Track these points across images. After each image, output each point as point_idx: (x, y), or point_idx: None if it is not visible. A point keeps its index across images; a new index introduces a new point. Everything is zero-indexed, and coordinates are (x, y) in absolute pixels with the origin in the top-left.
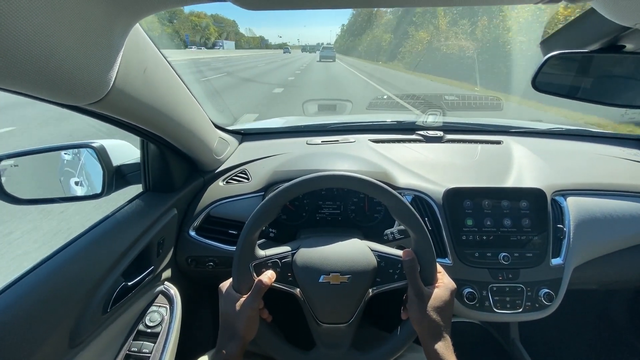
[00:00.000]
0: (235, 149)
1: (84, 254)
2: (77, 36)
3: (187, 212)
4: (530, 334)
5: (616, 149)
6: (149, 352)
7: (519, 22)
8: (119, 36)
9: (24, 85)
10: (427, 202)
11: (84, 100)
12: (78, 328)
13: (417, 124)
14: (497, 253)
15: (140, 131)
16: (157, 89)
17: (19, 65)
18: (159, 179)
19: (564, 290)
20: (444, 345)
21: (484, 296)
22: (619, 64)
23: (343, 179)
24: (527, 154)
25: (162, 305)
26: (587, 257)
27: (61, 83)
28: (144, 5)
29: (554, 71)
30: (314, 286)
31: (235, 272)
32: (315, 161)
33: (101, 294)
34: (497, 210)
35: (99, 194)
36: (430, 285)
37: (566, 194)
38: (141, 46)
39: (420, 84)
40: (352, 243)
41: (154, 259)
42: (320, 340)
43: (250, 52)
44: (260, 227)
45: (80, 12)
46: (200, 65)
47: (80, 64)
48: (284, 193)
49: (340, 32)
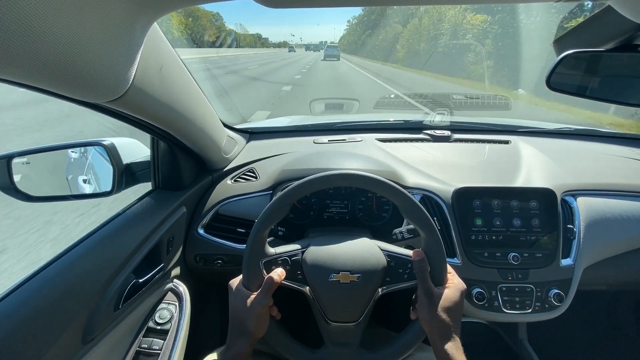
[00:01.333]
0: (243, 148)
1: (96, 251)
2: (101, 35)
3: (196, 210)
4: (539, 335)
5: (625, 149)
6: (158, 349)
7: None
8: (139, 34)
9: (50, 84)
10: (435, 201)
11: (104, 98)
12: (90, 324)
13: (425, 124)
14: (506, 253)
15: (153, 129)
16: (171, 87)
17: (47, 64)
18: (169, 177)
19: (574, 291)
20: (453, 345)
21: (493, 296)
22: (633, 63)
23: (354, 177)
24: (536, 153)
25: (172, 303)
26: (597, 257)
27: (84, 81)
28: (163, 3)
29: (567, 70)
30: (323, 284)
31: (245, 269)
32: (322, 160)
33: (113, 291)
34: (506, 210)
35: (109, 192)
36: (440, 286)
37: (576, 194)
38: (158, 44)
39: (433, 84)
40: (361, 242)
41: (164, 256)
42: (329, 338)
43: (239, 52)
44: (270, 224)
45: (104, 11)
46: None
47: (102, 62)
48: (295, 191)
49: (348, 27)
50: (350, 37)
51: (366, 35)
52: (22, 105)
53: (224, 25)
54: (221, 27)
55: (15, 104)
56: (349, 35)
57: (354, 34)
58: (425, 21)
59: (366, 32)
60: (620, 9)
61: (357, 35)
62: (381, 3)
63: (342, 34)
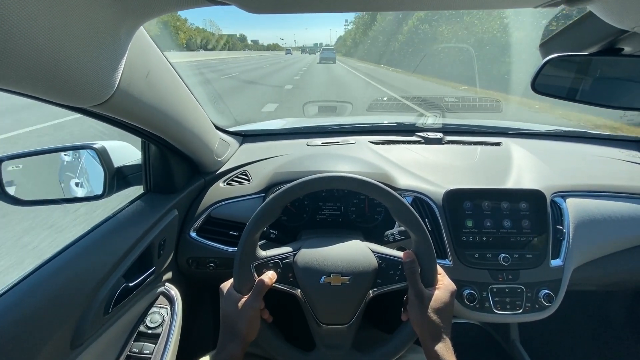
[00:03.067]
0: (236, 151)
1: (86, 255)
2: (85, 39)
3: (188, 213)
4: (531, 335)
5: (615, 151)
6: (149, 353)
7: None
8: (124, 39)
9: (31, 88)
10: (427, 203)
11: (89, 102)
12: (79, 329)
13: (417, 126)
14: (497, 254)
15: (142, 132)
16: (160, 91)
17: (28, 68)
18: (160, 180)
19: (563, 291)
20: (444, 346)
21: (484, 297)
22: (617, 66)
23: (344, 180)
24: (527, 155)
25: (163, 307)
26: (587, 258)
27: (68, 85)
28: (148, 8)
29: (553, 73)
30: (314, 287)
31: (236, 273)
32: (315, 162)
33: (103, 295)
34: (496, 211)
35: (100, 195)
36: (431, 287)
37: (565, 196)
38: (145, 49)
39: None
40: (353, 244)
41: (155, 260)
42: (320, 341)
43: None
44: (261, 227)
45: (88, 15)
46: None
47: (86, 67)
48: (286, 194)
49: (351, 27)
50: (346, 41)
51: (366, 37)
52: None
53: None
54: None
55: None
56: (350, 35)
57: (350, 36)
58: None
59: (368, 34)
60: (600, 14)
61: (359, 37)
62: (365, 9)
63: (338, 37)
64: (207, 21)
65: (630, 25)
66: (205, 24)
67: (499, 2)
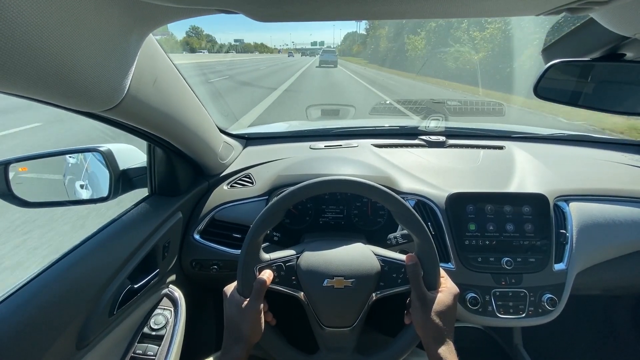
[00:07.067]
0: (240, 153)
1: (91, 257)
2: (96, 47)
3: (192, 216)
4: (534, 340)
5: (618, 155)
6: (153, 355)
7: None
8: (134, 46)
9: (46, 95)
10: (429, 206)
11: (99, 107)
12: (85, 330)
13: (420, 129)
14: (500, 258)
15: (149, 136)
16: (167, 95)
17: (43, 76)
18: (165, 182)
19: (567, 296)
20: (447, 350)
21: (487, 301)
22: (619, 71)
23: (347, 183)
24: (530, 159)
25: (167, 308)
26: (590, 262)
27: (80, 91)
28: (156, 17)
29: (555, 78)
30: (317, 290)
31: (240, 275)
32: (318, 166)
33: (108, 297)
34: (499, 215)
35: (106, 197)
36: (434, 290)
37: (569, 200)
38: (153, 55)
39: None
40: (356, 247)
41: (159, 262)
42: (323, 344)
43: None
44: (265, 230)
45: (99, 24)
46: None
47: (97, 74)
48: (289, 197)
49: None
50: (346, 43)
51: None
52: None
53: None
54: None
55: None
56: (347, 40)
57: (349, 39)
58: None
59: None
60: (602, 21)
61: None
62: (368, 18)
63: (345, 34)
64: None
65: (631, 32)
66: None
67: (500, 11)
